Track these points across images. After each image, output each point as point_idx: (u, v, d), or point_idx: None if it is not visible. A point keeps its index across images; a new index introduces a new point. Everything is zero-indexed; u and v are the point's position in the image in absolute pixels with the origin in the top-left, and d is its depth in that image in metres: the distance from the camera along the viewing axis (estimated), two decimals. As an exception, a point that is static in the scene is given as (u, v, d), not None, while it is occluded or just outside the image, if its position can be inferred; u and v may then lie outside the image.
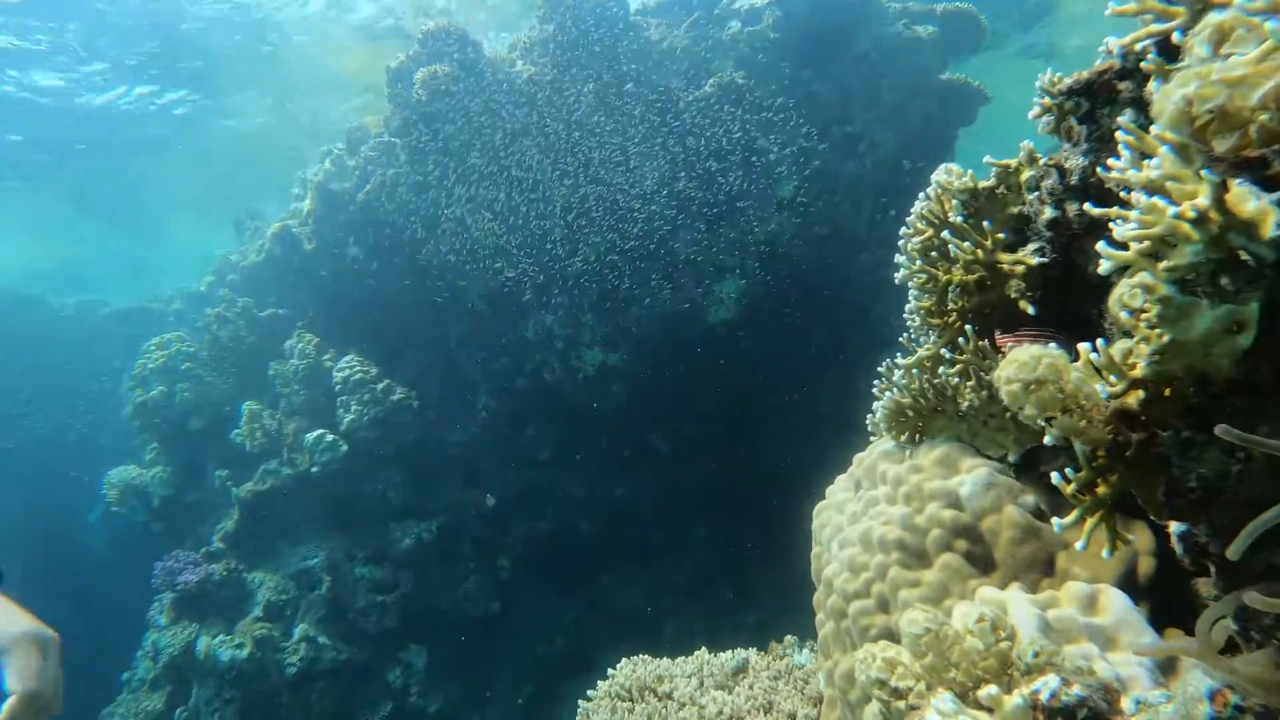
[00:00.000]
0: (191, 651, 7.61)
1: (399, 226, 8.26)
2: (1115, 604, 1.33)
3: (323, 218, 8.80)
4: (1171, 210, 0.92)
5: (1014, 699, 1.10)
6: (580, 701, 2.30)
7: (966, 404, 1.72)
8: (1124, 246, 0.98)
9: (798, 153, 7.83)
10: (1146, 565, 1.45)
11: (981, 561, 1.63)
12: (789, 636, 2.48)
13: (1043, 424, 1.14)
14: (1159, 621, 1.35)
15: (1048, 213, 1.59)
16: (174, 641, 7.68)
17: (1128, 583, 1.43)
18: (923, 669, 1.24)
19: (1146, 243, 0.95)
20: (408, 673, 8.28)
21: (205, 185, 14.95)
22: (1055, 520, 1.16)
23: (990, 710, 1.12)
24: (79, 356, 13.66)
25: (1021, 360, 1.14)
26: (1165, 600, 1.43)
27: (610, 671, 2.41)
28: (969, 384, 1.71)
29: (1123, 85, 1.45)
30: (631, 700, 2.19)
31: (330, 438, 8.16)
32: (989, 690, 1.12)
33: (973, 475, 1.68)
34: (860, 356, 5.78)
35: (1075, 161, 1.50)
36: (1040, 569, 1.57)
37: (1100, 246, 1.00)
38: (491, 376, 9.10)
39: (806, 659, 2.33)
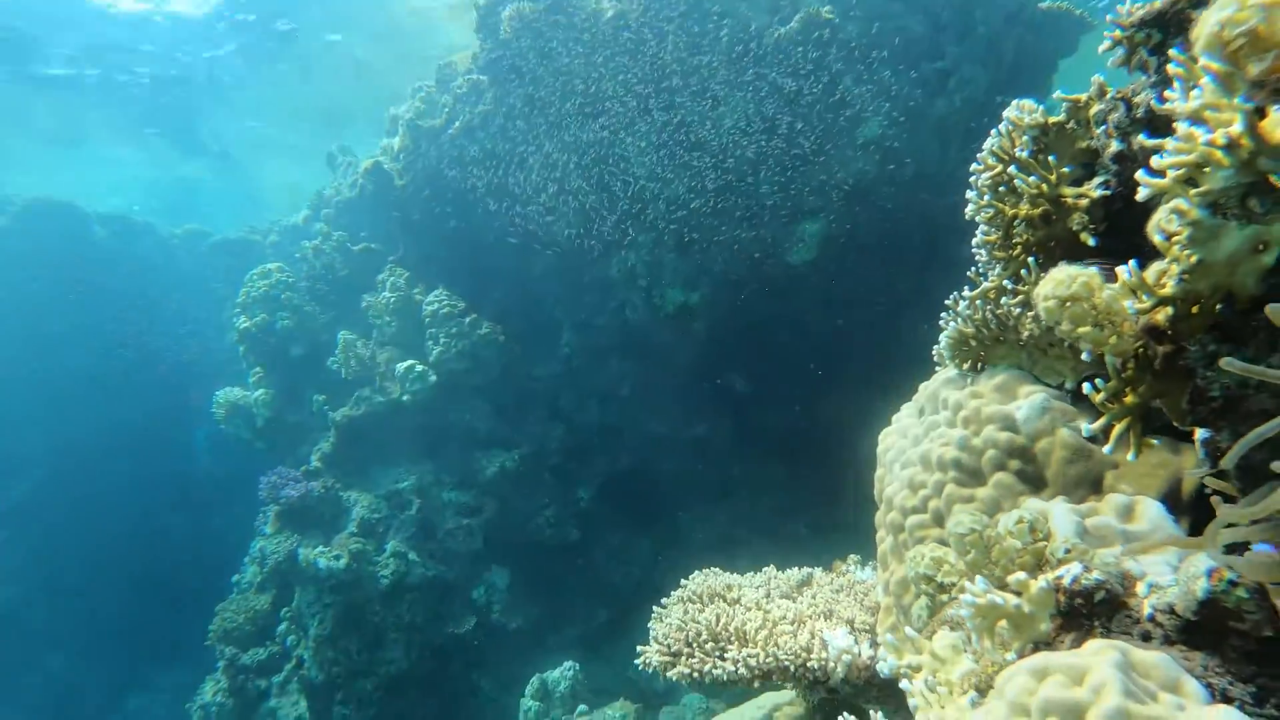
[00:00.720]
0: (294, 559, 8.18)
1: (486, 164, 8.46)
2: (1150, 513, 1.42)
3: (413, 154, 9.06)
4: (1204, 138, 0.99)
5: (1039, 582, 1.22)
6: (655, 608, 2.50)
7: (1027, 333, 1.80)
8: (1162, 174, 1.06)
9: (884, 91, 7.69)
10: (1189, 484, 1.52)
11: (1033, 480, 1.72)
12: (852, 555, 2.62)
13: (1075, 338, 1.23)
14: (1196, 535, 1.43)
15: (1114, 146, 1.63)
16: (278, 549, 8.28)
17: (1170, 499, 1.51)
18: (966, 565, 1.36)
19: (1182, 170, 1.03)
20: (490, 591, 8.71)
21: (302, 114, 15.41)
22: (1084, 425, 1.26)
23: (1019, 594, 1.24)
24: (186, 282, 14.40)
25: (1058, 278, 1.22)
26: (1207, 518, 1.51)
27: (683, 581, 2.59)
28: (1030, 314, 1.78)
29: (1196, 14, 1.48)
30: (701, 602, 2.37)
31: (420, 368, 8.53)
32: (1018, 575, 1.24)
33: (1029, 400, 1.77)
34: (943, 298, 5.76)
35: (1144, 95, 1.54)
36: (1089, 487, 1.66)
37: (1139, 174, 1.07)
38: (574, 313, 9.32)
39: (868, 575, 2.47)
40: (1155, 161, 1.05)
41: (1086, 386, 1.25)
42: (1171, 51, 1.15)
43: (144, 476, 12.02)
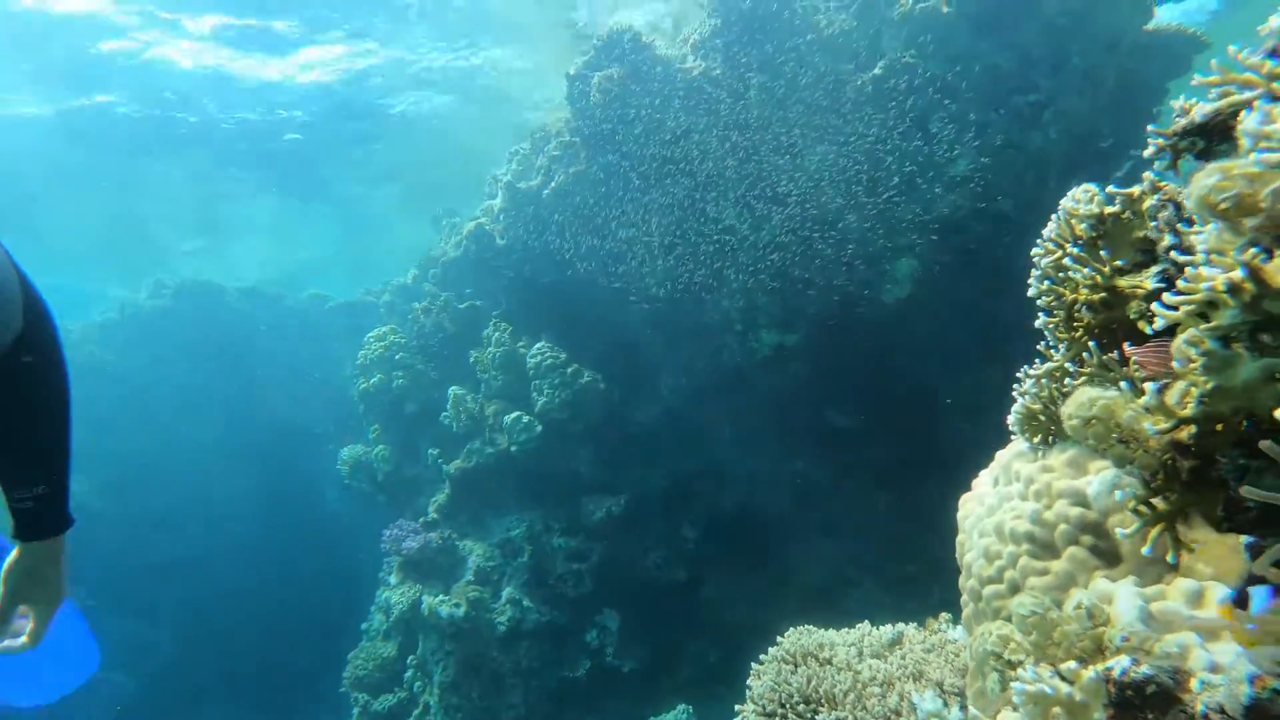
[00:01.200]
0: (417, 608, 8.59)
1: (580, 221, 8.82)
2: (1221, 600, 1.49)
3: (512, 215, 9.52)
4: (1206, 284, 1.11)
5: (1089, 672, 1.31)
6: (753, 664, 2.64)
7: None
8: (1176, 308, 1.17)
9: (972, 128, 7.69)
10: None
11: (1106, 555, 1.81)
12: (944, 614, 2.70)
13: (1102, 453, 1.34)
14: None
15: (1167, 239, 1.73)
16: (402, 599, 8.72)
17: (1251, 582, 1.58)
18: (1030, 645, 1.46)
19: (1193, 305, 1.14)
20: (603, 634, 8.91)
21: (408, 183, 16.29)
22: (1119, 529, 1.36)
23: (1071, 681, 1.34)
24: (311, 344, 15.35)
25: (1079, 400, 1.34)
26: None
27: (779, 639, 2.73)
28: (1096, 393, 1.88)
29: (1237, 122, 1.58)
30: (794, 664, 2.49)
31: (526, 419, 8.89)
32: (1070, 664, 1.34)
33: (1100, 476, 1.85)
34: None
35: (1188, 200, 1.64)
36: (1164, 565, 1.74)
37: (1155, 306, 1.19)
38: (672, 358, 9.54)
39: (960, 635, 2.54)
40: (1167, 298, 1.17)
41: (1118, 494, 1.35)
42: (1183, 194, 1.27)
43: (283, 529, 12.80)
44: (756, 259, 8.35)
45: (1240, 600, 1.49)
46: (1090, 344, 1.87)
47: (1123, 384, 1.42)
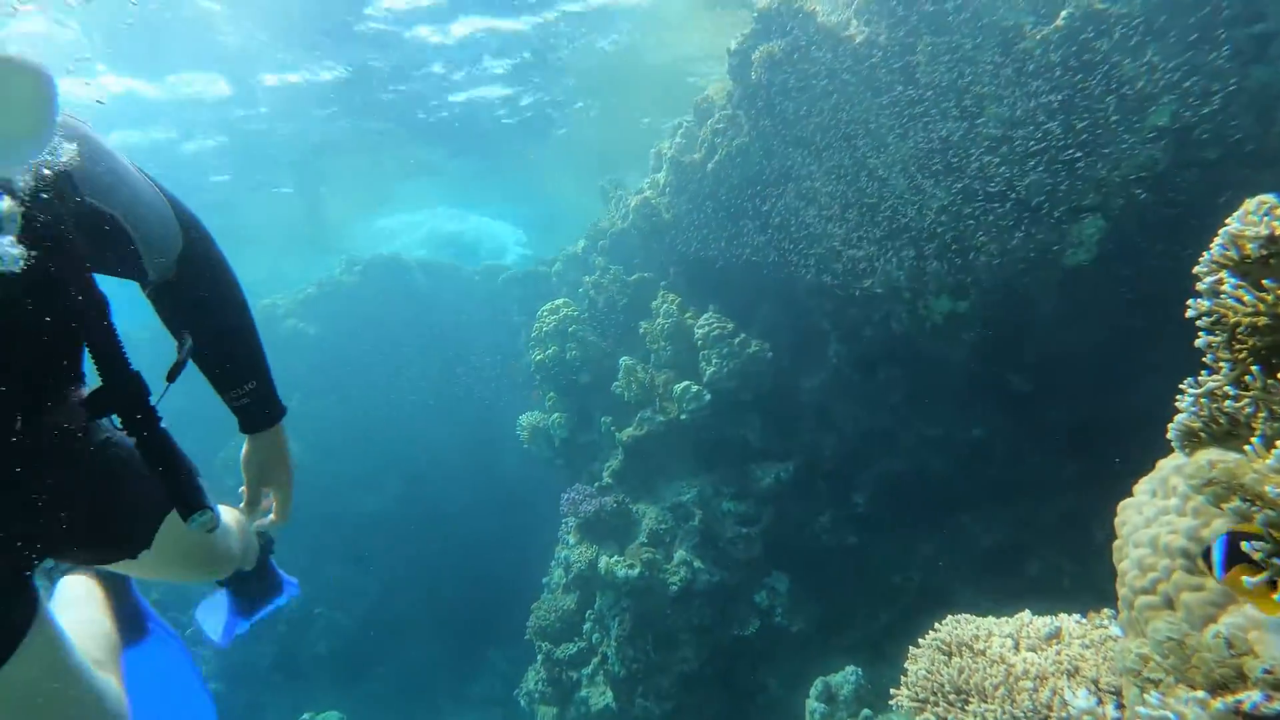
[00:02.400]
0: (594, 567, 9.15)
1: (744, 192, 8.92)
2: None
3: (677, 187, 9.74)
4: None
5: (1218, 702, 1.40)
6: (910, 648, 2.79)
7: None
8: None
9: (1178, 71, 7.11)
10: None
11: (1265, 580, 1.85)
12: (1106, 610, 2.73)
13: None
14: None
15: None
16: (580, 559, 9.31)
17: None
18: (1168, 667, 1.56)
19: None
20: (772, 595, 9.16)
21: (579, 155, 16.82)
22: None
23: (1203, 707, 1.43)
24: (487, 313, 16.30)
25: (1199, 462, 1.40)
26: None
27: (935, 626, 2.85)
28: (1260, 415, 1.90)
29: None
30: (949, 653, 2.62)
31: (695, 388, 9.17)
32: (1201, 693, 1.43)
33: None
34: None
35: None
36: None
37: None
38: (840, 326, 9.53)
39: (1122, 633, 2.58)
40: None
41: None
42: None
43: (469, 486, 13.82)
44: (926, 226, 8.19)
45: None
46: (1255, 368, 1.89)
47: (1247, 446, 1.47)
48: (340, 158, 16.08)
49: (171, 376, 2.09)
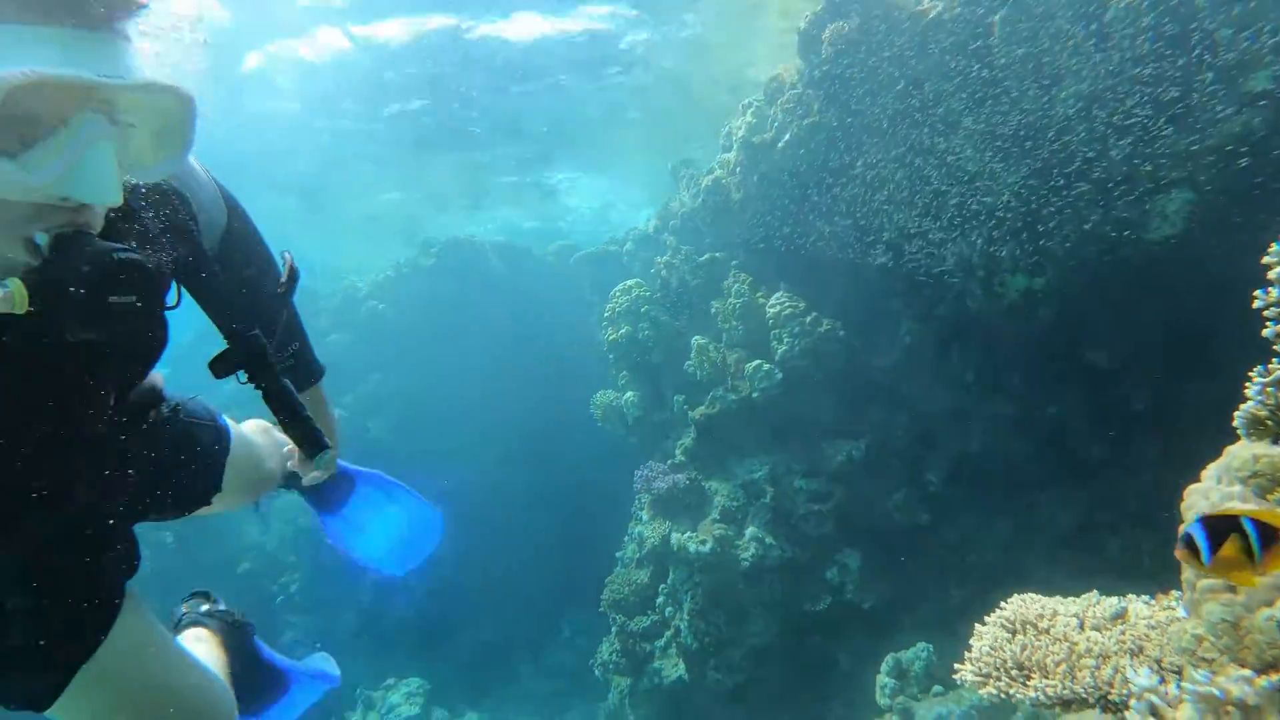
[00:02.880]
0: (667, 542, 9.36)
1: (816, 170, 8.93)
2: None
3: (747, 168, 9.78)
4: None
5: (1265, 681, 1.48)
6: (975, 625, 2.88)
7: (1321, 419, 1.95)
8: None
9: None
10: None
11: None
12: (1175, 591, 2.78)
13: None
14: None
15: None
16: (653, 534, 9.54)
17: None
18: (1221, 647, 1.64)
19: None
20: (843, 572, 9.25)
21: (648, 134, 16.90)
22: None
23: (1249, 684, 1.51)
24: (561, 293, 16.59)
25: (1244, 456, 1.47)
26: None
27: (1001, 604, 2.94)
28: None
29: None
30: (1013, 630, 2.71)
31: (766, 367, 9.27)
32: (1248, 671, 1.52)
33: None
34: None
35: None
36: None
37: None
38: (912, 305, 9.49)
39: (1187, 614, 2.63)
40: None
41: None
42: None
43: (543, 461, 14.16)
44: (1001, 202, 8.09)
45: None
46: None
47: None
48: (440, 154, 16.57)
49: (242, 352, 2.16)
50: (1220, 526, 1.54)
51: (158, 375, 2.27)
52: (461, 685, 13.11)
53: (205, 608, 3.02)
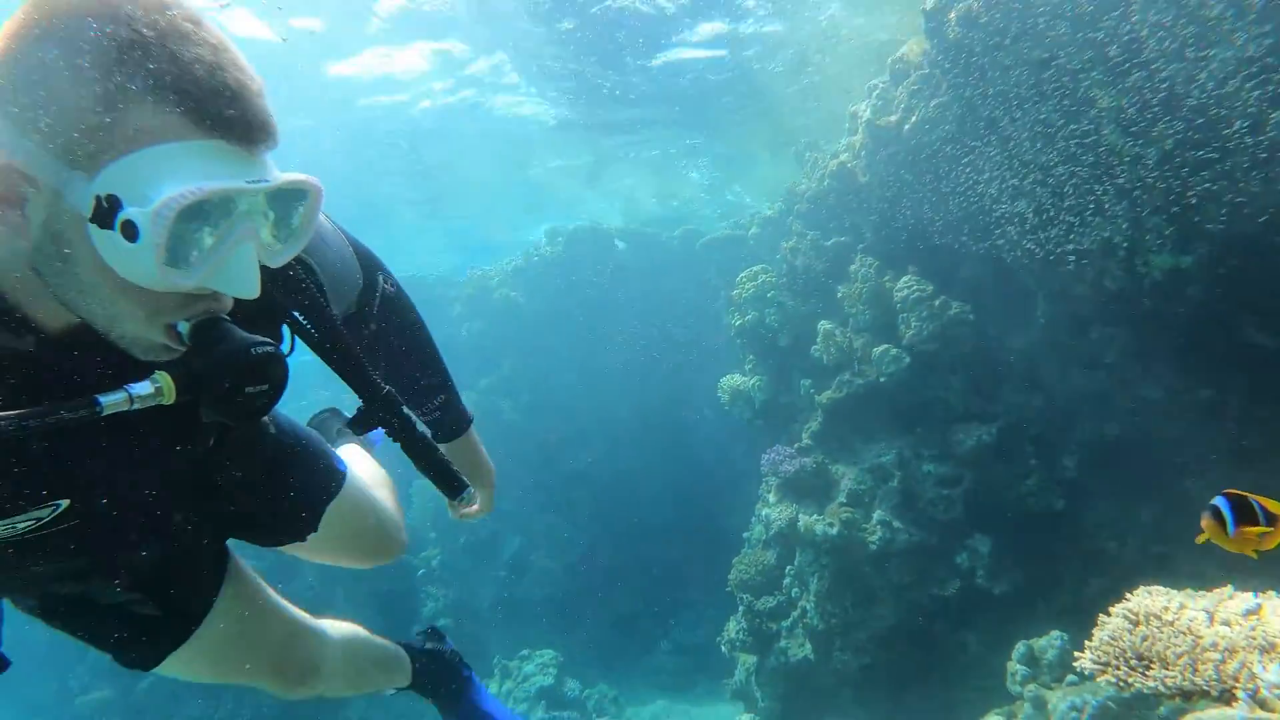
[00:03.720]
0: (794, 524, 9.49)
1: (944, 151, 8.79)
2: None
3: (872, 151, 9.71)
4: None
5: None
6: (1100, 615, 2.93)
7: None
8: None
9: None
10: None
11: None
12: (1316, 589, 2.76)
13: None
14: None
15: None
16: (780, 516, 9.68)
17: None
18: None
19: None
20: (974, 557, 9.15)
21: (773, 116, 16.86)
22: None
23: None
24: (685, 277, 16.80)
25: None
26: None
27: (1127, 595, 2.97)
28: None
29: None
30: (1135, 621, 2.75)
31: (894, 351, 9.23)
32: None
33: None
34: None
35: None
36: None
37: None
38: (1047, 285, 9.23)
39: (1328, 611, 2.60)
40: None
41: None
42: None
43: (671, 445, 14.48)
44: (1143, 178, 7.76)
45: None
46: None
47: None
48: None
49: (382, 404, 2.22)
50: (1243, 504, 1.66)
51: None
52: (592, 658, 13.63)
53: (430, 645, 3.38)
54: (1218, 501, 1.68)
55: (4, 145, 1.35)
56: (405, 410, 2.18)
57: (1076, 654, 2.80)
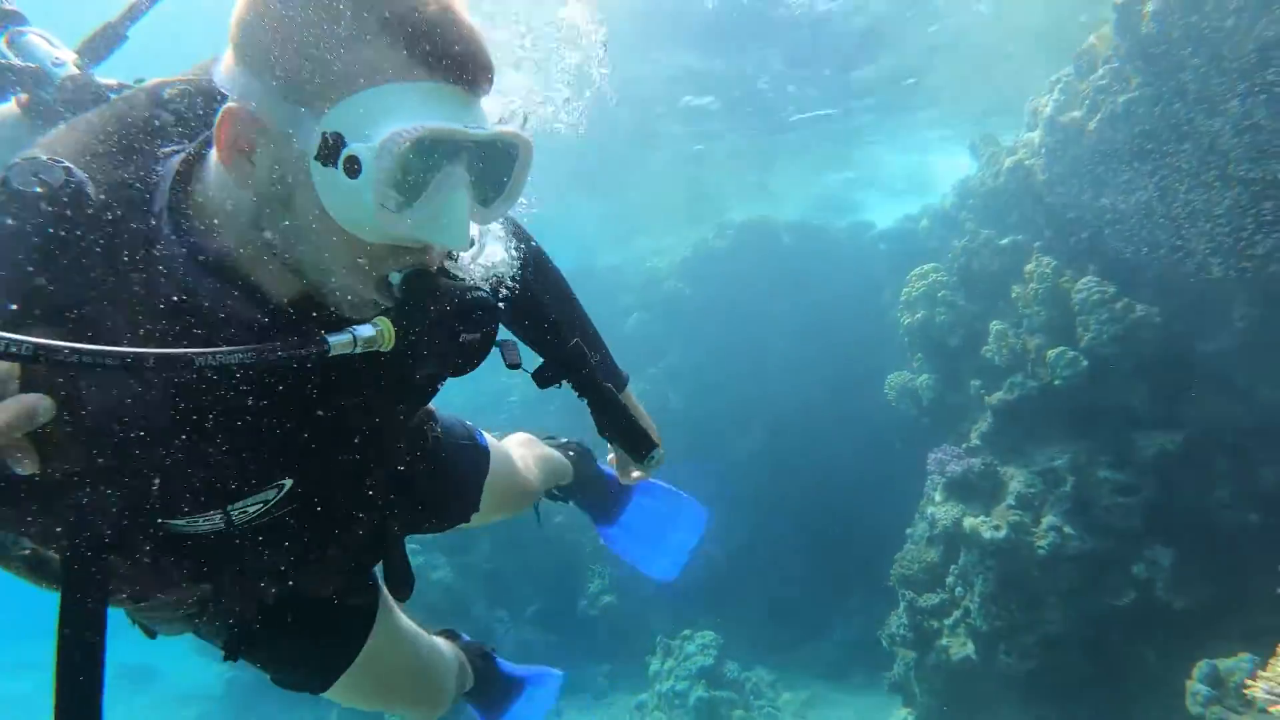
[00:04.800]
0: (959, 525, 9.49)
1: (1133, 149, 8.50)
2: None
3: (1052, 148, 9.48)
4: None
5: None
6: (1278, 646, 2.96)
7: None
8: None
9: None
10: None
11: None
12: None
13: None
14: None
15: None
16: (945, 516, 9.69)
17: None
18: None
19: None
20: (1152, 568, 8.85)
21: (943, 106, 16.51)
22: None
23: None
24: (853, 270, 16.77)
25: None
26: None
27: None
28: None
29: None
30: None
31: (1071, 354, 9.03)
32: None
33: None
34: None
35: None
36: None
37: None
38: (1246, 287, 8.76)
39: None
40: None
41: None
42: None
43: (835, 435, 14.56)
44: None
45: None
46: None
47: None
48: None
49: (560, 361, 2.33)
50: None
51: None
52: (751, 643, 13.98)
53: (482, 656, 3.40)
54: None
55: (239, 89, 1.38)
56: (592, 363, 2.20)
57: (1248, 681, 2.87)
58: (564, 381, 2.36)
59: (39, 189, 1.34)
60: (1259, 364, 8.95)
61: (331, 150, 1.33)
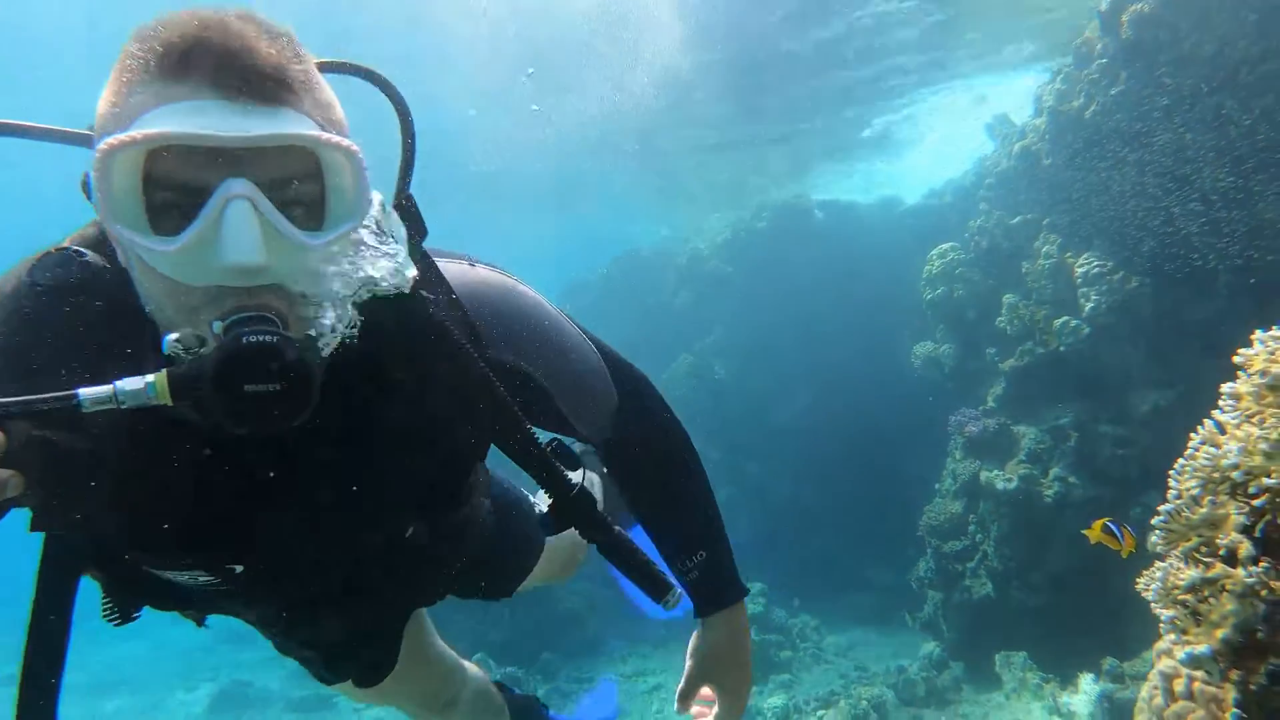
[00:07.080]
0: (977, 479, 10.67)
1: (1123, 138, 9.50)
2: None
3: (1054, 135, 10.51)
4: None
5: None
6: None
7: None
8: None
9: None
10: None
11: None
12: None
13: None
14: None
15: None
16: (965, 471, 10.89)
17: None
18: None
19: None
20: (1148, 512, 9.78)
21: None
22: None
23: None
24: (881, 244, 17.78)
25: None
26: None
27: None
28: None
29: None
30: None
31: (1074, 323, 10.11)
32: None
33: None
34: None
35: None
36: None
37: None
38: (1228, 258, 9.71)
39: None
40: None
41: None
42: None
43: (868, 401, 15.69)
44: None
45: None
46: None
47: None
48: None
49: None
50: None
51: (480, 472, 2.26)
52: (793, 591, 15.22)
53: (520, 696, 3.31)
54: None
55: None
56: (598, 513, 1.86)
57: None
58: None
59: (54, 284, 1.40)
60: (1240, 326, 9.86)
61: (84, 182, 1.29)
